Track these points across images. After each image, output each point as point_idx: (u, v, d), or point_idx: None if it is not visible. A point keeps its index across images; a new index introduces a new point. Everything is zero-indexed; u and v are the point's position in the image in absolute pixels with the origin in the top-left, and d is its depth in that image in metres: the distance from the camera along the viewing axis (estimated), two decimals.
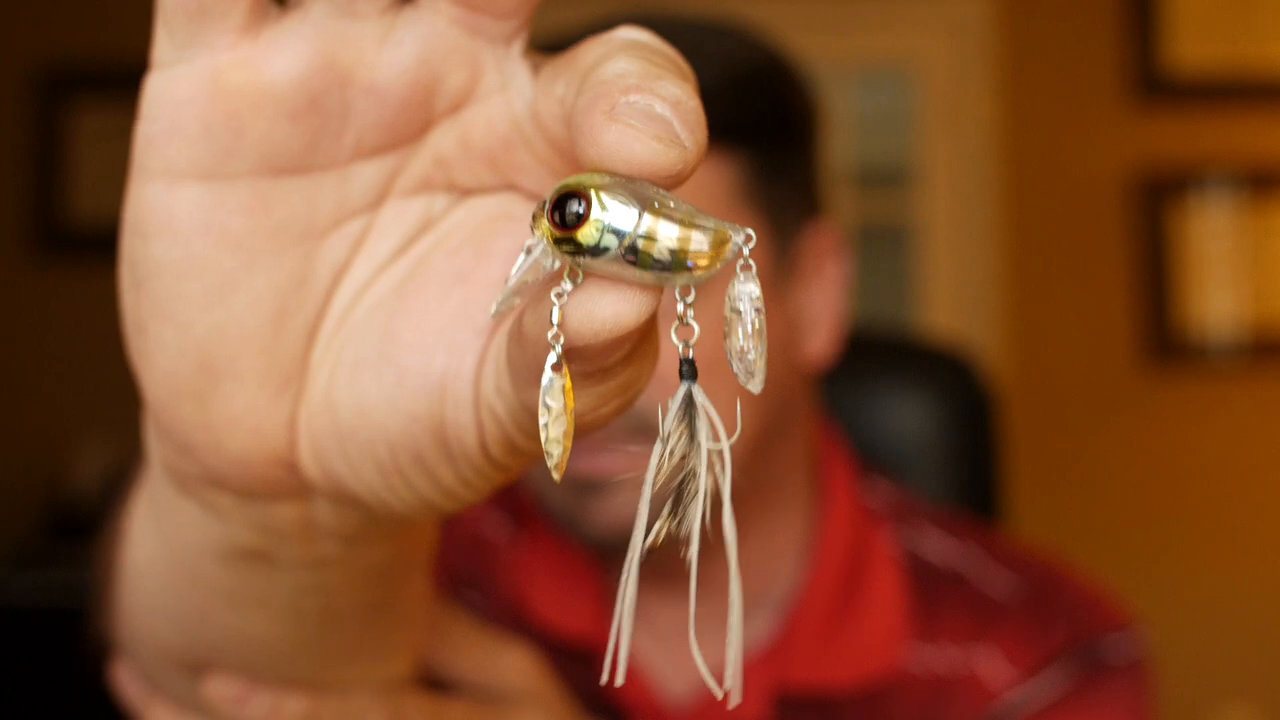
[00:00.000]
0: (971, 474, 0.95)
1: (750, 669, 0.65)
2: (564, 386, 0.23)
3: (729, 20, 0.66)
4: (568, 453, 0.23)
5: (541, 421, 0.23)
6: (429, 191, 0.28)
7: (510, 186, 0.28)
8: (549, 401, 0.23)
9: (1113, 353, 2.50)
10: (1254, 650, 2.44)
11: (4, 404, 2.40)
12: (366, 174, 0.27)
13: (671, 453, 0.23)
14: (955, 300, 2.53)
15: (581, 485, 0.61)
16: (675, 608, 0.67)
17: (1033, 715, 0.65)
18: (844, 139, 2.51)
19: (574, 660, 0.65)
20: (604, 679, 0.23)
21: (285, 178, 0.26)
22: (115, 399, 2.19)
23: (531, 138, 0.26)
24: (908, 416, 0.94)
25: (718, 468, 0.23)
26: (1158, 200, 2.49)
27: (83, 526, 2.14)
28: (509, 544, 0.70)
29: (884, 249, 2.58)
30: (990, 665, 0.66)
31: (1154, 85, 2.50)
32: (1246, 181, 2.49)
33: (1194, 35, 2.51)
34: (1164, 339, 2.48)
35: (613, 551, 0.63)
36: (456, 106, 0.27)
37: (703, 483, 0.23)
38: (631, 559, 0.23)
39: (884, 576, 0.68)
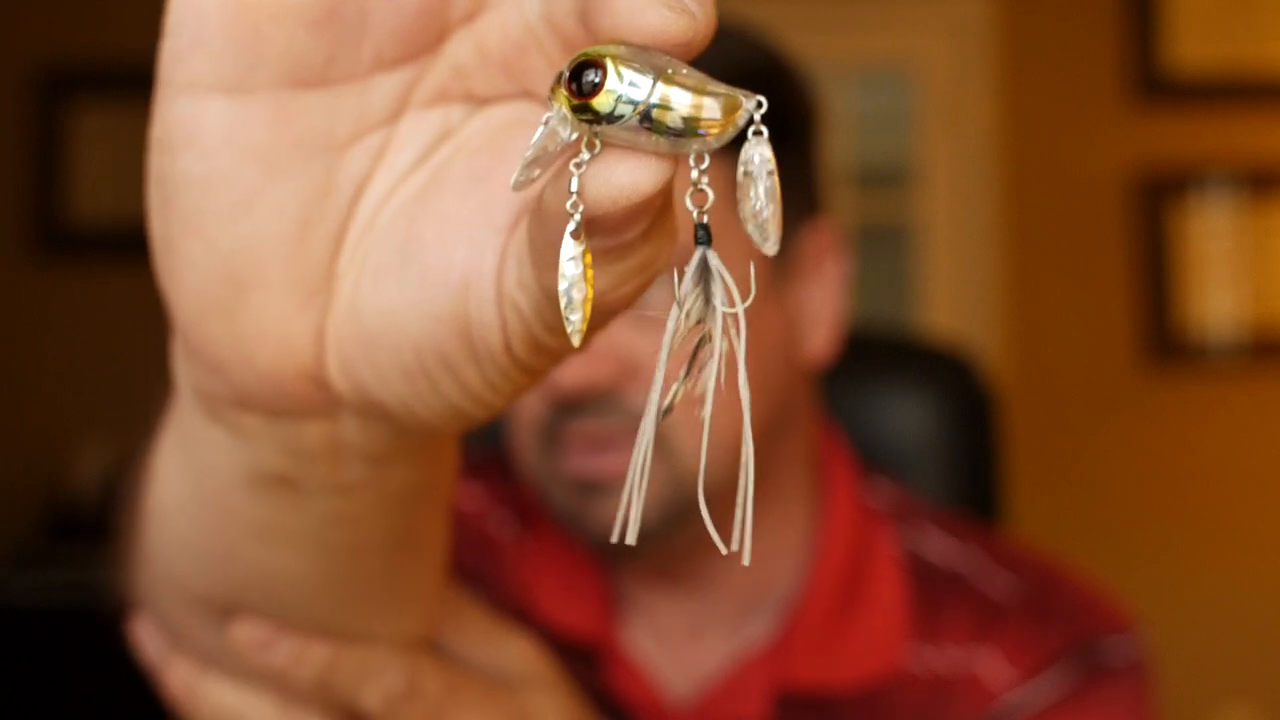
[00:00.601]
0: (971, 474, 0.95)
1: (751, 668, 0.65)
2: (582, 252, 0.23)
3: (729, 20, 0.66)
4: (587, 320, 0.23)
5: (561, 288, 0.23)
6: (446, 102, 0.29)
7: (525, 94, 0.28)
8: (568, 269, 0.23)
9: (1113, 353, 2.50)
10: (1254, 650, 2.44)
11: (4, 404, 2.40)
12: (385, 86, 0.28)
13: (687, 315, 0.23)
14: (955, 300, 2.53)
15: (584, 485, 0.61)
16: (677, 608, 0.67)
17: (1033, 716, 0.65)
18: (844, 139, 2.51)
19: (577, 659, 0.65)
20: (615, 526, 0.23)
21: (307, 91, 0.27)
22: (115, 399, 2.20)
23: (545, 40, 0.27)
24: (908, 416, 0.94)
25: (732, 331, 0.23)
26: (1158, 200, 2.49)
27: (83, 526, 2.15)
28: (514, 543, 0.70)
29: (884, 249, 2.58)
30: (990, 666, 0.66)
31: (1154, 85, 2.50)
32: (1246, 181, 2.49)
33: (1194, 35, 2.51)
34: (1164, 339, 2.48)
35: (616, 551, 0.63)
36: (471, 14, 0.28)
37: (718, 345, 0.23)
38: (648, 421, 0.23)
39: (885, 576, 0.68)
